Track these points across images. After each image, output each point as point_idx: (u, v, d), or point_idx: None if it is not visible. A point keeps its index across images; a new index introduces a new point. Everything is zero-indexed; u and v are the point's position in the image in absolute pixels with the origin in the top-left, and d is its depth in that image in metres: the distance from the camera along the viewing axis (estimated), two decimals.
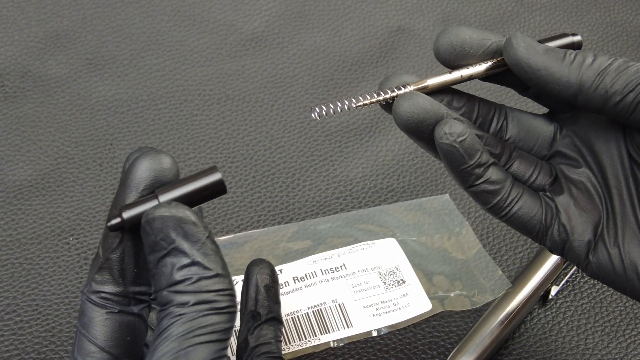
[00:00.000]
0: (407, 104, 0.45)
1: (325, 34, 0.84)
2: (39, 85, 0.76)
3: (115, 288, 0.40)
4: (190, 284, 0.37)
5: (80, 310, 0.41)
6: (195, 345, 0.37)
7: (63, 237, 0.65)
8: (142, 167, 0.40)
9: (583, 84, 0.44)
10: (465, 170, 0.46)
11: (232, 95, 0.77)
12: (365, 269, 0.63)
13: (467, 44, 0.46)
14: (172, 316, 0.37)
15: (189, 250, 0.38)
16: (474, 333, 0.59)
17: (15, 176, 0.69)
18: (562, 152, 0.49)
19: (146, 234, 0.38)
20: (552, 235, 0.48)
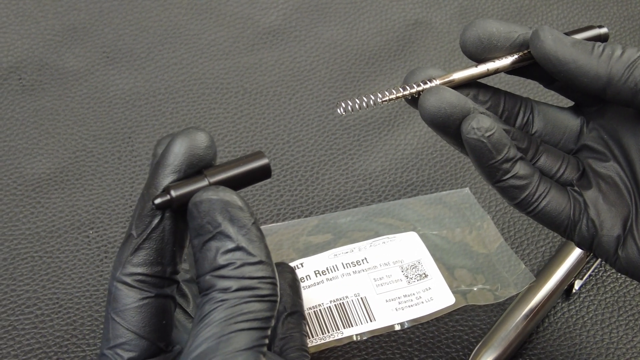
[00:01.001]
0: (434, 98, 0.45)
1: (343, 27, 0.83)
2: (57, 78, 0.75)
3: (152, 269, 0.40)
4: (233, 269, 0.37)
5: (111, 296, 0.40)
6: (237, 332, 0.36)
7: (83, 231, 0.65)
8: (178, 145, 0.39)
9: (612, 76, 0.44)
10: (492, 166, 0.46)
11: (249, 88, 0.77)
12: (386, 263, 0.63)
13: (495, 37, 0.46)
14: (214, 301, 0.37)
15: (234, 235, 0.38)
16: (499, 327, 0.58)
17: (33, 169, 0.68)
18: (590, 146, 0.49)
19: (192, 217, 0.38)
20: (580, 231, 0.47)
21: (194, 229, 0.38)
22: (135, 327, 0.39)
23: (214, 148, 0.40)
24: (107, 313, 0.40)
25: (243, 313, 0.37)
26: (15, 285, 0.61)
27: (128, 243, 0.40)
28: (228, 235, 0.38)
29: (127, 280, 0.40)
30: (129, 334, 0.39)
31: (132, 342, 0.39)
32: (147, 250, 0.40)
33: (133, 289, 0.40)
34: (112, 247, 0.64)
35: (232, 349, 0.36)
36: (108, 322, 0.40)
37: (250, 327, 0.37)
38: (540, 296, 0.60)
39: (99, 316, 0.60)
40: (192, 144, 0.39)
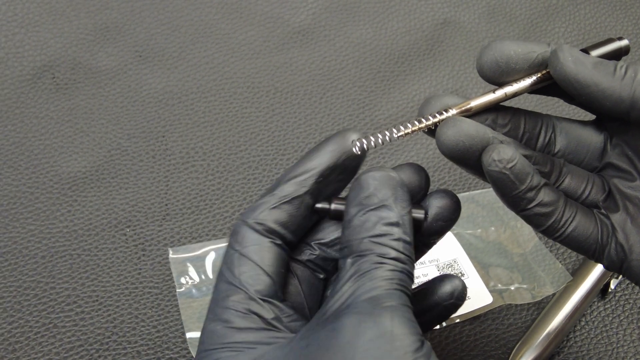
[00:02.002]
0: (451, 131, 0.43)
1: (372, 27, 0.83)
2: (90, 77, 0.76)
3: (279, 228, 0.44)
4: (391, 239, 0.40)
5: (240, 235, 0.43)
6: (398, 291, 0.39)
7: (120, 229, 0.65)
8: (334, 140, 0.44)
9: (636, 99, 0.42)
10: (516, 196, 0.44)
11: (280, 87, 0.77)
12: (422, 262, 0.63)
13: (513, 60, 0.44)
14: (372, 262, 0.40)
15: (397, 211, 0.41)
16: (538, 326, 0.59)
17: (69, 168, 0.69)
18: (614, 164, 0.47)
19: (361, 187, 0.42)
20: (609, 255, 0.46)
21: (357, 198, 0.42)
22: (261, 264, 0.42)
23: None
24: (232, 250, 0.43)
25: (400, 278, 0.40)
26: (55, 282, 0.61)
27: (268, 199, 0.44)
28: (391, 209, 0.41)
29: (256, 227, 0.43)
30: (255, 267, 0.42)
31: (257, 277, 0.42)
32: (282, 212, 0.43)
33: (259, 234, 0.43)
34: (149, 245, 0.64)
35: (401, 302, 0.39)
36: (233, 257, 0.43)
37: (406, 293, 0.40)
38: (578, 295, 0.60)
39: (139, 314, 0.60)
40: (345, 143, 0.44)
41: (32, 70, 0.76)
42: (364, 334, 0.37)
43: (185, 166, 0.70)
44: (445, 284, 0.47)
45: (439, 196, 0.46)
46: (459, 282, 0.47)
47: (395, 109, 0.77)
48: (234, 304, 0.42)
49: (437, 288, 0.47)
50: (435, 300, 0.46)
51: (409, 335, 0.37)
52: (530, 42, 0.45)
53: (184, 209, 0.67)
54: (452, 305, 0.47)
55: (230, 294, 0.42)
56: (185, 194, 0.68)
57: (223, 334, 0.41)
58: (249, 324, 0.41)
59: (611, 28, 0.87)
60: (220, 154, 0.71)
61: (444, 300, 0.46)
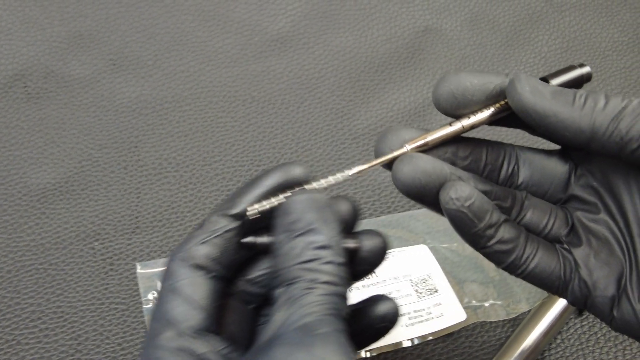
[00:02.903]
0: (407, 168, 0.42)
1: (352, 34, 0.82)
2: (62, 86, 0.75)
3: (210, 263, 0.42)
4: (320, 263, 0.39)
5: (170, 270, 0.42)
6: (330, 316, 0.38)
7: (88, 242, 0.64)
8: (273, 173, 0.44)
9: (596, 130, 0.41)
10: (476, 234, 0.43)
11: (257, 96, 0.76)
12: (396, 277, 0.62)
13: (469, 92, 0.43)
14: (302, 288, 0.39)
15: (325, 234, 0.40)
16: (512, 344, 0.57)
17: (38, 179, 0.68)
18: (578, 197, 0.45)
19: (286, 213, 0.41)
20: (572, 291, 0.44)
21: (283, 224, 0.41)
22: (192, 299, 0.41)
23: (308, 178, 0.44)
24: (164, 286, 0.42)
25: (333, 302, 0.39)
26: (20, 298, 0.60)
27: (198, 233, 0.43)
28: (319, 232, 0.40)
29: (187, 262, 0.42)
30: (187, 302, 0.41)
31: (189, 312, 0.41)
32: (212, 247, 0.42)
33: (190, 269, 0.42)
34: (117, 259, 0.63)
35: (333, 328, 0.37)
36: (164, 293, 0.42)
37: (339, 317, 0.38)
38: (553, 313, 0.59)
39: (104, 330, 0.59)
40: (289, 175, 0.44)
41: (3, 80, 0.74)
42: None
43: (157, 177, 0.69)
44: (378, 305, 0.46)
45: (369, 235, 0.45)
46: (392, 305, 0.46)
47: (375, 118, 0.75)
48: (165, 341, 0.40)
49: (370, 310, 0.46)
50: (368, 322, 0.45)
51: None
52: (488, 73, 0.44)
53: (154, 221, 0.66)
54: (384, 329, 0.46)
55: (161, 332, 0.40)
56: (156, 207, 0.67)
57: None
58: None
59: (596, 36, 0.85)
60: (194, 165, 0.70)
61: (376, 322, 0.45)
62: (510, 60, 0.82)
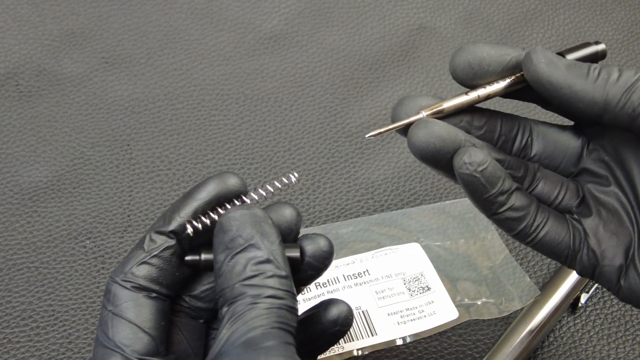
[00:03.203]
0: (422, 132, 0.43)
1: (345, 33, 0.82)
2: (54, 85, 0.74)
3: (151, 285, 0.42)
4: (264, 278, 0.39)
5: (111, 294, 0.41)
6: (276, 329, 0.38)
7: (80, 240, 0.64)
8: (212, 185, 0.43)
9: (609, 102, 0.42)
10: (487, 199, 0.44)
11: (250, 95, 0.76)
12: (389, 275, 0.62)
13: (486, 62, 0.44)
14: (246, 304, 0.38)
15: (265, 248, 0.40)
16: (503, 342, 0.57)
17: (30, 177, 0.67)
18: (590, 170, 0.47)
19: (224, 230, 0.40)
20: (581, 260, 0.45)
21: (222, 243, 0.40)
22: (136, 321, 0.40)
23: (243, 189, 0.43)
24: (106, 310, 0.41)
25: (278, 315, 0.38)
26: (11, 296, 0.60)
27: (136, 253, 0.42)
28: (259, 247, 0.40)
29: (127, 286, 0.41)
30: (130, 326, 0.40)
31: (133, 335, 0.40)
32: (152, 266, 0.42)
33: (131, 291, 0.41)
34: (109, 258, 0.63)
35: (279, 341, 0.37)
36: (107, 318, 0.41)
37: (285, 329, 0.38)
38: (546, 310, 0.59)
39: (95, 329, 0.59)
40: (224, 186, 0.43)
41: None
42: None
43: (149, 175, 0.69)
44: (329, 309, 0.45)
45: (311, 240, 0.44)
46: (344, 307, 0.45)
47: (368, 116, 0.75)
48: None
49: (322, 315, 0.45)
50: (321, 328, 0.45)
51: None
52: (505, 46, 0.45)
53: (146, 220, 0.66)
54: (338, 332, 0.45)
55: (107, 359, 0.40)
56: (148, 205, 0.67)
57: None
58: None
59: (590, 33, 0.85)
60: (186, 163, 0.70)
61: (328, 328, 0.45)
62: None
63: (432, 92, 0.78)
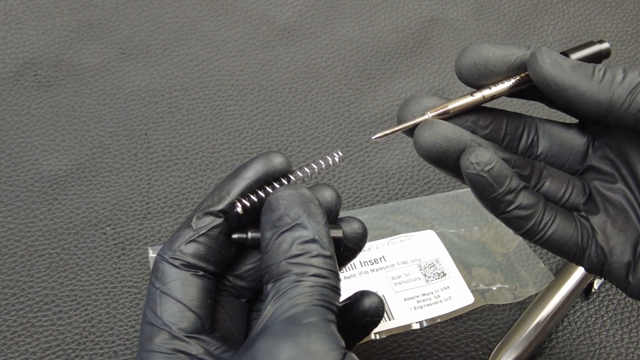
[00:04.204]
0: (428, 133, 0.43)
1: (358, 24, 0.83)
2: (72, 75, 0.75)
3: (198, 262, 0.43)
4: (309, 257, 0.40)
5: (160, 271, 0.42)
6: (319, 307, 0.38)
7: (100, 227, 0.65)
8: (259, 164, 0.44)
9: (614, 103, 0.42)
10: (495, 199, 0.44)
11: (265, 85, 0.77)
12: (404, 261, 0.63)
13: (491, 62, 0.44)
14: (291, 281, 0.39)
15: (312, 228, 0.40)
16: (518, 327, 0.58)
17: (50, 166, 0.68)
18: (596, 167, 0.47)
19: (272, 209, 0.41)
20: (589, 257, 0.45)
21: (270, 221, 0.41)
22: (183, 299, 0.41)
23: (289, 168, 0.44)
24: (153, 288, 0.42)
25: (321, 293, 0.39)
26: (33, 282, 0.61)
27: (185, 232, 0.43)
28: (305, 227, 0.40)
29: (175, 263, 0.42)
30: (177, 304, 0.41)
31: (180, 314, 0.41)
32: (200, 244, 0.43)
33: (179, 269, 0.42)
34: (129, 244, 0.64)
35: (320, 317, 0.38)
36: (154, 296, 0.42)
37: (327, 307, 0.39)
38: (560, 296, 0.60)
39: (117, 313, 0.60)
40: (270, 165, 0.44)
41: (15, 68, 0.75)
42: (280, 356, 0.36)
43: (167, 164, 0.70)
44: (361, 301, 0.46)
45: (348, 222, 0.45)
46: (375, 299, 0.46)
47: (381, 107, 0.76)
48: (158, 345, 0.41)
49: (354, 306, 0.46)
50: (352, 319, 0.46)
51: (328, 351, 0.37)
52: (510, 45, 0.45)
53: (165, 207, 0.67)
54: (369, 323, 0.46)
55: (154, 336, 0.41)
56: (167, 193, 0.68)
57: None
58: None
59: (600, 26, 0.86)
60: (203, 152, 0.71)
61: (360, 318, 0.46)
62: None
63: (444, 82, 0.79)
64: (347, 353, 0.37)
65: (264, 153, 0.44)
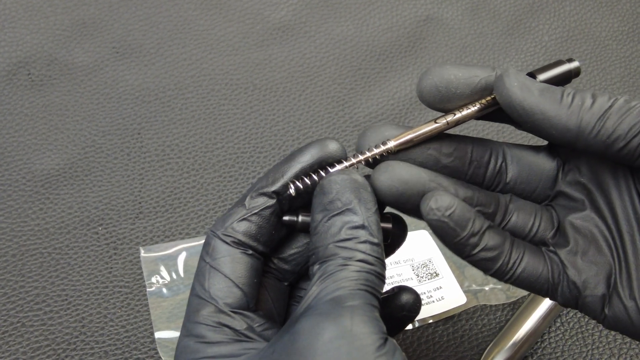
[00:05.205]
0: (384, 177, 0.42)
1: (353, 23, 0.83)
2: (66, 74, 0.75)
3: (249, 240, 0.43)
4: (357, 242, 0.40)
5: (211, 247, 0.43)
6: (363, 291, 0.38)
7: (92, 227, 0.64)
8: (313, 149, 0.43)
9: (582, 129, 0.40)
10: (459, 243, 0.42)
11: (259, 84, 0.77)
12: (397, 262, 0.63)
13: (453, 85, 0.42)
14: (338, 264, 0.39)
15: (361, 214, 0.40)
16: (511, 327, 0.58)
17: (42, 165, 0.68)
18: (565, 193, 0.45)
19: (324, 192, 0.41)
20: (562, 292, 0.44)
21: (321, 203, 0.41)
22: (232, 275, 0.42)
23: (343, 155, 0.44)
24: (204, 262, 0.43)
25: (366, 279, 0.39)
26: (24, 281, 0.61)
27: (237, 210, 0.43)
28: (356, 212, 0.40)
29: (226, 239, 0.43)
30: (225, 280, 0.42)
31: (227, 289, 0.42)
32: (251, 223, 0.43)
33: (230, 246, 0.42)
34: (121, 244, 0.63)
35: (364, 301, 0.38)
36: (204, 270, 0.42)
37: (371, 292, 0.39)
38: None
39: (108, 313, 0.59)
40: (326, 150, 0.43)
41: (8, 67, 0.75)
42: (322, 335, 0.36)
43: (160, 164, 0.69)
44: (400, 295, 0.46)
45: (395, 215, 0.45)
46: (414, 295, 0.46)
47: (375, 106, 0.76)
48: (204, 318, 0.41)
49: (393, 299, 0.46)
50: (389, 312, 0.46)
51: (370, 334, 0.37)
52: (473, 67, 0.43)
53: (157, 207, 0.66)
54: (405, 318, 0.46)
55: (201, 308, 0.41)
56: (159, 192, 0.67)
57: (195, 349, 0.41)
58: (221, 337, 0.41)
59: (596, 25, 0.86)
60: (196, 152, 0.71)
61: (396, 312, 0.46)
62: (511, 50, 0.82)
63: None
64: (388, 338, 0.37)
65: (320, 139, 0.44)
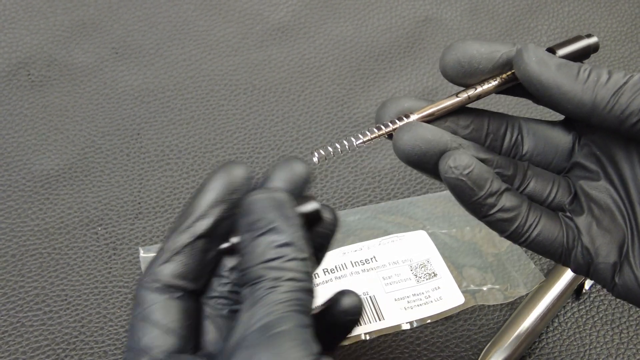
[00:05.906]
0: (407, 136, 0.42)
1: (352, 24, 0.83)
2: (65, 74, 0.75)
3: (177, 281, 0.42)
4: (283, 261, 0.39)
5: (138, 298, 0.41)
6: (292, 312, 0.38)
7: (91, 227, 0.65)
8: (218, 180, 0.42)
9: (597, 104, 0.41)
10: (476, 202, 0.43)
11: (258, 85, 0.77)
12: (395, 262, 0.63)
13: (476, 59, 0.43)
14: (266, 288, 0.39)
15: (286, 231, 0.40)
16: (508, 327, 0.58)
17: (42, 165, 0.68)
18: (581, 164, 0.46)
19: (247, 213, 0.40)
20: (575, 258, 0.45)
21: (246, 224, 0.40)
22: (163, 322, 0.41)
23: (250, 179, 0.43)
24: (133, 315, 0.41)
25: (296, 299, 0.38)
26: (24, 281, 0.61)
27: (160, 254, 0.42)
28: (280, 231, 0.40)
29: (152, 286, 0.41)
30: (156, 328, 0.40)
31: (160, 337, 0.40)
32: (176, 263, 0.42)
33: (156, 292, 0.41)
34: (120, 244, 0.64)
35: (294, 324, 0.37)
36: (134, 322, 0.41)
37: (301, 311, 0.38)
38: (550, 296, 0.60)
39: (107, 313, 0.60)
40: (230, 179, 0.42)
41: (7, 67, 0.75)
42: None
43: (159, 164, 0.70)
44: (340, 301, 0.45)
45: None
46: (354, 297, 0.45)
47: (374, 107, 0.76)
48: None
49: (333, 306, 0.45)
50: (333, 319, 0.45)
51: (301, 358, 0.36)
52: (495, 42, 0.44)
53: (157, 207, 0.67)
54: (350, 322, 0.45)
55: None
56: (159, 193, 0.68)
57: None
58: None
59: (595, 25, 0.86)
60: (195, 152, 0.71)
61: (340, 318, 0.45)
62: None
63: (437, 82, 0.79)
64: (320, 358, 0.37)
65: (225, 164, 0.43)
